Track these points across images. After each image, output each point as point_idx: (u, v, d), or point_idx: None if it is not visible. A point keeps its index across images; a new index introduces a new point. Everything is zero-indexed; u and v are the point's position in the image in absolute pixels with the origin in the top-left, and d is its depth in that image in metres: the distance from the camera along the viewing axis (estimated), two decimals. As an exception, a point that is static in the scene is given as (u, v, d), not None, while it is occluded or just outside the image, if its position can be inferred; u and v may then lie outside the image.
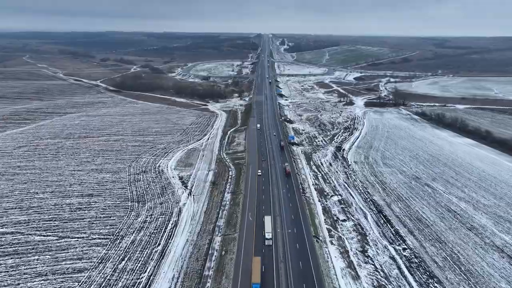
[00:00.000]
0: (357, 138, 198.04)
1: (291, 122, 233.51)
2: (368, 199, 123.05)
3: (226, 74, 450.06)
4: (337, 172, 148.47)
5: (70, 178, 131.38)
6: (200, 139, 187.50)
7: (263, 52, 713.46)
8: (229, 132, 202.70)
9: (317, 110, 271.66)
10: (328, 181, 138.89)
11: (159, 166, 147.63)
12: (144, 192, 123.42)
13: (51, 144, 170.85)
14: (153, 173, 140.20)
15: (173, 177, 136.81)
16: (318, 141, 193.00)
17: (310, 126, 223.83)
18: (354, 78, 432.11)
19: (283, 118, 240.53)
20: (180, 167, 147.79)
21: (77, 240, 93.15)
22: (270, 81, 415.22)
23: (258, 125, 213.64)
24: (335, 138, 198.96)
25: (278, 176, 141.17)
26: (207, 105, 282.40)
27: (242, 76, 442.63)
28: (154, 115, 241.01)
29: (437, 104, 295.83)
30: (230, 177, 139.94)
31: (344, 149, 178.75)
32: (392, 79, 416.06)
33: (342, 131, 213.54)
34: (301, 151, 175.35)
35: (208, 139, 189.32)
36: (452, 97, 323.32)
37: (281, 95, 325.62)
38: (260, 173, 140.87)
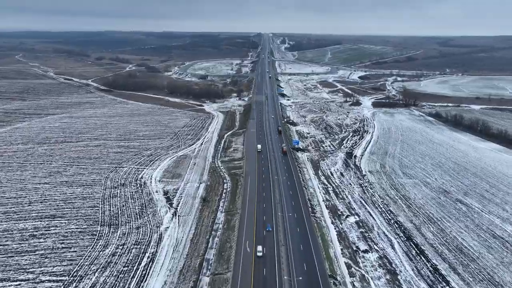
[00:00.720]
0: (369, 143, 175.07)
1: (294, 124, 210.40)
2: (392, 221, 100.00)
3: (224, 73, 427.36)
4: (350, 184, 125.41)
5: (32, 194, 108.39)
6: (192, 144, 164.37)
7: (263, 50, 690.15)
8: (225, 136, 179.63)
9: (322, 111, 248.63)
10: (341, 196, 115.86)
11: (141, 177, 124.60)
12: (119, 212, 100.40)
13: (20, 150, 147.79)
14: (134, 186, 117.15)
15: (157, 192, 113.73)
16: (326, 146, 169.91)
17: (315, 129, 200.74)
18: (359, 77, 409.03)
19: (285, 119, 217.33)
20: (167, 178, 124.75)
21: (19, 285, 70.19)
22: (270, 75, 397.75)
23: (259, 146, 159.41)
24: (344, 142, 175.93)
25: (282, 191, 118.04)
26: (203, 106, 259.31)
27: (242, 75, 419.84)
28: (144, 116, 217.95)
29: (450, 105, 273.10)
30: (224, 191, 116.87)
31: (355, 156, 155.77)
32: (399, 78, 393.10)
33: (351, 134, 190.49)
34: (307, 158, 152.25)
35: (202, 144, 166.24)
36: (465, 97, 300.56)
37: (283, 95, 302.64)
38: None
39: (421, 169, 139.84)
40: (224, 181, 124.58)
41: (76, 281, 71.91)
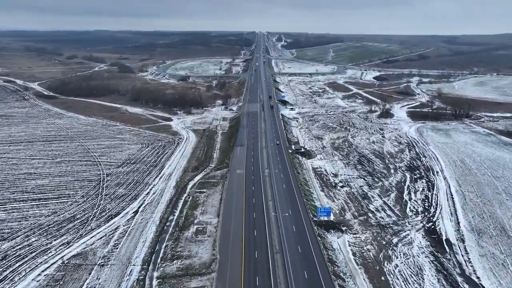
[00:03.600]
0: (452, 199, 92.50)
1: (308, 154, 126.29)
2: None
3: (211, 73, 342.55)
4: None
5: None
6: (117, 214, 79.82)
7: (257, 48, 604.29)
8: (189, 188, 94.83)
9: (343, 127, 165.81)
10: None
11: None
12: None
13: None
14: None
15: None
16: (376, 209, 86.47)
17: (344, 164, 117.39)
18: (374, 78, 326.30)
19: (293, 146, 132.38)
20: None
21: None
22: (264, 60, 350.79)
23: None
24: (405, 197, 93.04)
25: None
26: (172, 120, 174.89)
27: (231, 75, 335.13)
28: (69, 141, 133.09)
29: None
30: None
31: (448, 240, 73.28)
32: (424, 79, 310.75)
33: (407, 176, 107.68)
34: (352, 251, 68.84)
35: (138, 211, 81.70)
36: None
37: (284, 102, 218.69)
38: None
39: None
40: None
41: None
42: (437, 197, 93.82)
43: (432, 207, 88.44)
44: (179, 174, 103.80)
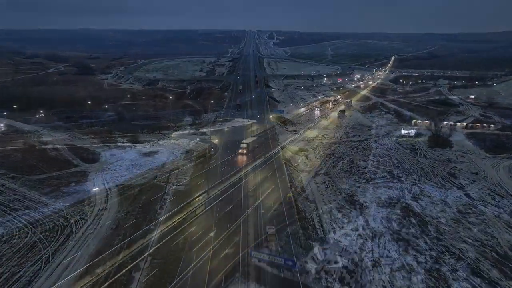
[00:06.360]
0: None
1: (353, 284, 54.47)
2: None
3: (189, 76, 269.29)
4: None
5: None
6: None
7: (247, 46, 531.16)
8: None
9: (386, 170, 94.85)
10: None
11: None
12: None
13: None
14: None
15: None
16: None
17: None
18: (390, 81, 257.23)
19: (316, 252, 59.15)
20: None
21: None
22: (253, 49, 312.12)
23: None
24: None
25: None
26: (99, 159, 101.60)
27: (213, 78, 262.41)
28: None
29: None
30: None
31: None
32: (455, 82, 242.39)
33: None
34: None
35: None
36: None
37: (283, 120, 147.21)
38: None
39: None
40: None
41: None
42: None
43: None
44: None
